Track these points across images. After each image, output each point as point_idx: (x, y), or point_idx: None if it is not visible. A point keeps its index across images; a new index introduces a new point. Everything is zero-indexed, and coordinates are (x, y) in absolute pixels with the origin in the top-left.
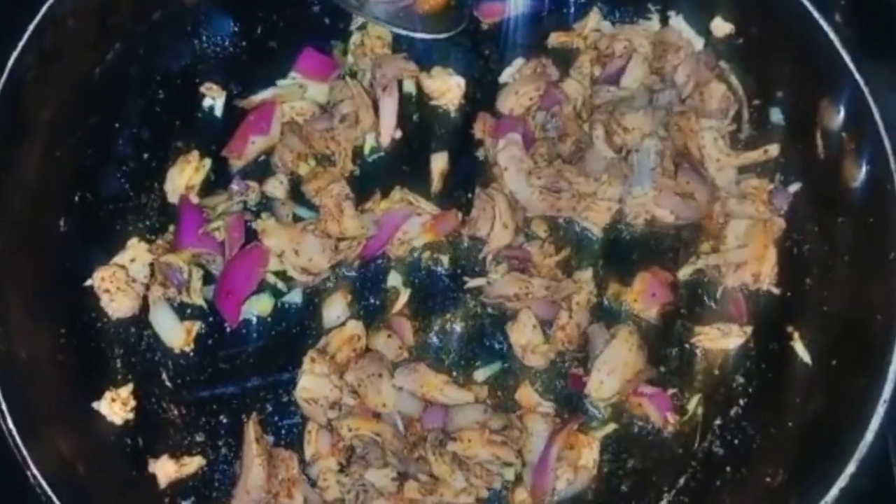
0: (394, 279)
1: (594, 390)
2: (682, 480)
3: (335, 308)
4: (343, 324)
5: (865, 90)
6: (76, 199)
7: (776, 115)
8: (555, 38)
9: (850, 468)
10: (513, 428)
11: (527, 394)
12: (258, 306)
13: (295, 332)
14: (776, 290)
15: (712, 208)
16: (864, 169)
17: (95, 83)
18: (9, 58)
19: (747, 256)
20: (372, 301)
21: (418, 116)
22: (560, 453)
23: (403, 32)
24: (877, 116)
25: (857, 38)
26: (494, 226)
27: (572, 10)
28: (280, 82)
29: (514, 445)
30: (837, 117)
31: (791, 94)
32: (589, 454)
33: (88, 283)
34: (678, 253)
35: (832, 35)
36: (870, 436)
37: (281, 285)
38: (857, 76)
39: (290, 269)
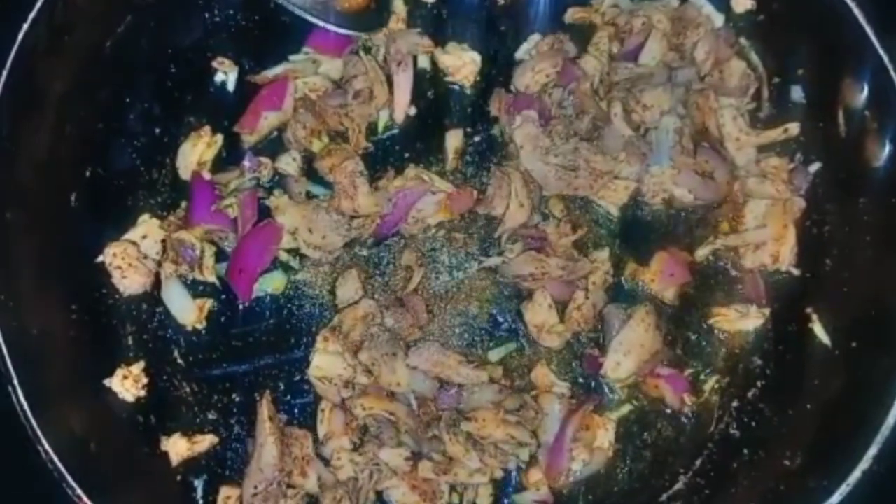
0: (408, 257)
1: (610, 371)
2: (698, 462)
3: (349, 286)
4: (357, 302)
5: (889, 67)
6: (87, 174)
7: (797, 93)
8: (572, 14)
9: (872, 450)
10: (528, 408)
11: (542, 374)
12: (271, 284)
13: (308, 310)
14: (795, 272)
15: (731, 188)
16: (886, 148)
17: (106, 57)
18: (19, 31)
19: (766, 237)
20: (386, 279)
21: (433, 93)
22: (575, 434)
23: (319, 23)
24: None
25: (881, 13)
26: (510, 204)
27: None
28: (293, 57)
29: (529, 426)
30: (860, 95)
31: (812, 72)
32: (604, 435)
33: (99, 259)
34: (696, 233)
35: (856, 11)
36: (891, 419)
37: (294, 263)
38: (881, 53)
39: (303, 247)
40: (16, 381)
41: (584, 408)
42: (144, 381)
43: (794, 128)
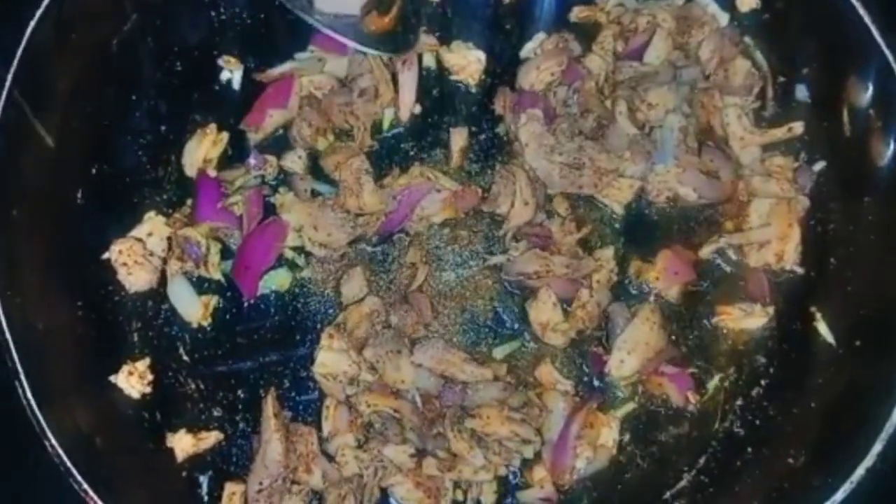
0: (413, 255)
1: (614, 369)
2: (702, 460)
3: (354, 284)
4: (362, 299)
5: (894, 67)
6: (93, 171)
7: (801, 92)
8: (577, 13)
9: (877, 447)
10: (532, 406)
11: (546, 372)
12: (276, 281)
13: (313, 307)
14: (799, 270)
15: (736, 187)
16: (891, 147)
17: (113, 54)
18: (27, 28)
19: (771, 235)
20: (391, 277)
21: (438, 91)
22: (579, 432)
23: (350, 44)
24: None
25: (885, 13)
26: (515, 202)
27: None
28: (298, 55)
29: (534, 423)
30: (864, 94)
31: (817, 71)
32: (608, 433)
33: (105, 256)
34: (700, 231)
35: (860, 10)
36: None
37: (299, 260)
38: (886, 52)
39: (308, 245)
40: (23, 377)
41: (588, 405)
42: (150, 377)
43: (798, 127)
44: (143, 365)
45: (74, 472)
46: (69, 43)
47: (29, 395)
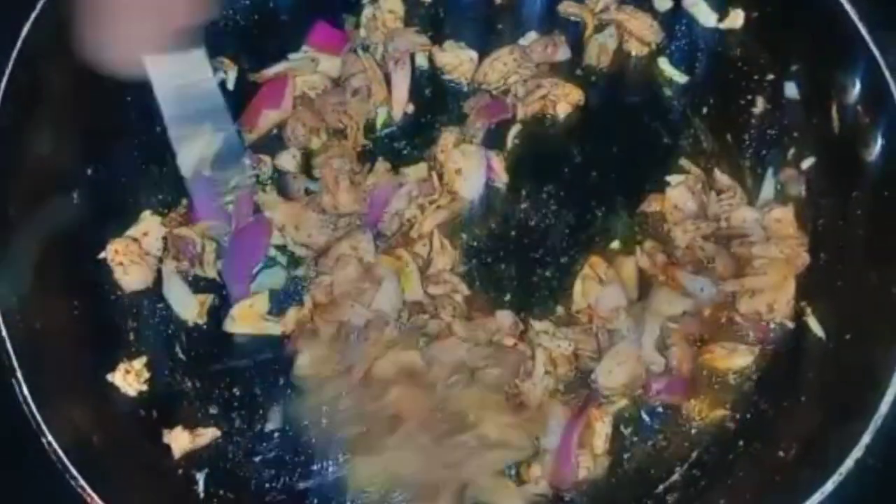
0: None
1: (602, 377)
2: (694, 454)
3: None
4: None
5: (882, 64)
6: (89, 171)
7: (791, 90)
8: (565, 7)
9: (865, 439)
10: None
11: None
12: (271, 280)
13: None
14: (790, 325)
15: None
16: (879, 143)
17: None
18: (22, 27)
19: (764, 285)
20: None
21: (430, 90)
22: (580, 440)
23: None
24: (893, 89)
25: (873, 11)
26: None
27: None
28: (292, 56)
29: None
30: (853, 91)
31: (806, 68)
32: (602, 428)
33: (102, 255)
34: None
35: (848, 6)
36: (884, 407)
37: (281, 259)
38: (874, 49)
39: (290, 244)
40: (20, 375)
41: (585, 413)
42: (146, 375)
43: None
44: (139, 363)
45: (72, 468)
46: (65, 43)
47: (26, 393)
